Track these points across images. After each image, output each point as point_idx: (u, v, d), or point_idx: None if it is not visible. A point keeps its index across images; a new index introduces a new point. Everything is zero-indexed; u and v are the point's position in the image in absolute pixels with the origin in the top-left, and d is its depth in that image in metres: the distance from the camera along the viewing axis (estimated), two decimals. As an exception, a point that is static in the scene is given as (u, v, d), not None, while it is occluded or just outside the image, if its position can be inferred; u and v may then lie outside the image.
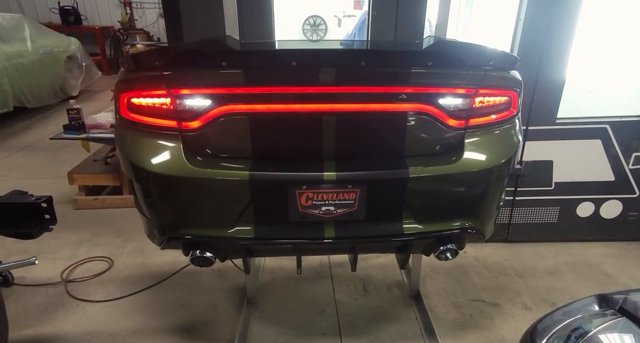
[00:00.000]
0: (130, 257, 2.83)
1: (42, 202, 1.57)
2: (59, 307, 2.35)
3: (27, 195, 1.63)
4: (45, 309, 2.34)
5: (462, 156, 1.58)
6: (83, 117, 3.25)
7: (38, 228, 1.63)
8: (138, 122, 1.55)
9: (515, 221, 2.94)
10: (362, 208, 1.58)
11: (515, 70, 1.64)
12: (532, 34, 2.45)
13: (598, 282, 2.62)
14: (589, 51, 2.61)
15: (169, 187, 1.55)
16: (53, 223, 1.61)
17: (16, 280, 2.49)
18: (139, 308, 2.37)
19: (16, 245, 2.44)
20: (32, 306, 2.36)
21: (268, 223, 1.61)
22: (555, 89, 2.58)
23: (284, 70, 1.48)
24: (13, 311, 2.30)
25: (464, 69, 1.54)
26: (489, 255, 2.86)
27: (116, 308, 2.37)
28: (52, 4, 9.11)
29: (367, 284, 2.59)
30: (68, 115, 3.20)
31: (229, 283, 2.57)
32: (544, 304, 2.42)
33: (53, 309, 2.34)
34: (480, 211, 1.68)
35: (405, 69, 1.49)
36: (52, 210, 1.60)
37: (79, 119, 3.22)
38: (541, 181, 2.81)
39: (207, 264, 1.69)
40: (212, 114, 1.50)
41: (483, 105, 1.60)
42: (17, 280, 2.50)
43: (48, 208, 1.58)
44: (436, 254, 1.73)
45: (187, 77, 1.48)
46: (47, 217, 1.59)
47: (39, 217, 1.59)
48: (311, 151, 1.58)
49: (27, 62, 5.86)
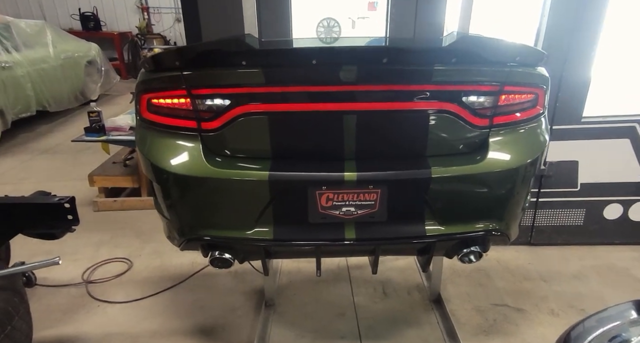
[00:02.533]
0: (149, 258, 2.84)
1: (65, 203, 1.58)
2: (80, 308, 2.37)
3: (51, 196, 1.64)
4: (68, 310, 2.36)
5: (487, 156, 1.54)
6: (103, 120, 3.29)
7: (61, 228, 1.64)
8: (158, 122, 1.55)
9: (538, 223, 2.86)
10: (383, 209, 1.55)
11: (542, 66, 1.59)
12: (557, 30, 2.38)
13: (627, 288, 2.52)
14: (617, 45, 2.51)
15: (189, 188, 1.54)
16: (76, 223, 1.62)
17: (39, 280, 2.55)
18: (158, 309, 2.38)
19: (39, 246, 2.47)
20: (54, 306, 2.38)
21: (288, 225, 1.58)
22: (581, 87, 2.50)
23: (304, 68, 1.45)
24: (36, 311, 2.31)
25: (488, 66, 1.49)
26: (512, 258, 2.79)
27: (136, 309, 2.38)
28: (73, 10, 9.31)
29: (386, 287, 2.55)
30: (89, 118, 3.25)
31: (246, 286, 2.56)
32: (571, 310, 2.34)
33: (75, 310, 2.36)
34: (505, 213, 1.63)
35: (428, 66, 1.45)
36: (75, 210, 1.61)
37: (99, 122, 3.26)
38: (566, 182, 2.73)
39: (226, 266, 1.68)
40: (232, 114, 1.49)
41: (508, 103, 1.55)
42: (39, 281, 2.55)
43: (71, 208, 1.59)
44: (459, 257, 1.68)
45: (206, 76, 1.47)
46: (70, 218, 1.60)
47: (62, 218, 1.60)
48: (332, 151, 1.56)
49: (49, 67, 5.99)
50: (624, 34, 2.50)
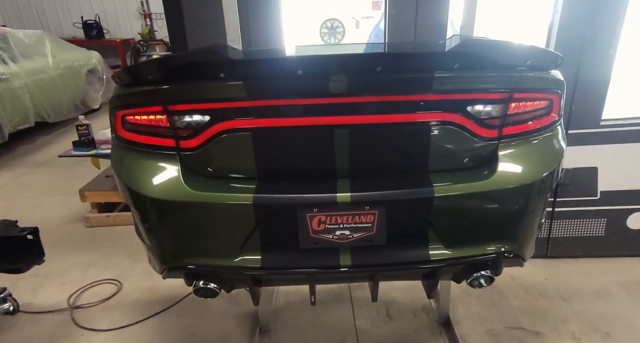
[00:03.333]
0: (139, 279, 2.70)
1: (28, 234, 1.43)
2: (62, 337, 2.23)
3: (12, 227, 1.50)
4: (49, 340, 2.22)
5: (496, 170, 1.38)
6: (92, 133, 3.16)
7: (25, 262, 1.49)
8: (134, 141, 1.43)
9: (555, 235, 2.65)
10: (382, 232, 1.40)
11: (556, 70, 1.42)
12: (571, 27, 2.18)
13: (658, 306, 2.31)
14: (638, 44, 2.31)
15: (167, 213, 1.41)
16: (41, 256, 1.47)
17: (23, 307, 2.40)
18: (146, 337, 2.22)
19: (24, 268, 2.35)
20: (35, 336, 2.24)
21: (276, 251, 1.44)
22: (599, 88, 2.30)
23: (289, 80, 1.31)
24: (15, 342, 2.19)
25: (495, 71, 1.33)
26: (527, 273, 2.58)
27: (122, 337, 2.23)
28: (76, 19, 9.29)
29: (390, 309, 2.37)
30: (77, 131, 3.13)
31: (240, 309, 2.40)
32: (595, 334, 2.13)
33: (57, 339, 2.22)
34: (519, 232, 1.47)
35: (427, 73, 1.30)
36: (39, 242, 1.46)
37: (88, 135, 3.14)
38: (584, 190, 2.52)
39: (212, 295, 1.54)
40: (212, 131, 1.36)
41: (519, 111, 1.40)
42: (23, 307, 2.40)
43: (34, 240, 1.44)
44: (468, 281, 1.53)
45: (183, 90, 1.34)
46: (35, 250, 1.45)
47: (25, 251, 1.46)
48: (322, 169, 1.41)
49: (48, 78, 5.93)
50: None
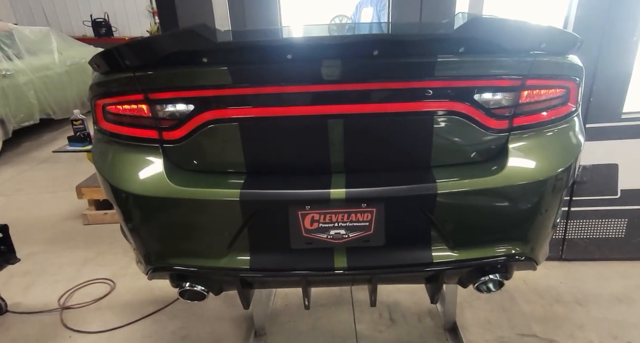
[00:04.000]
0: (133, 278, 2.61)
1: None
2: (49, 339, 2.14)
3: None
4: (35, 341, 2.13)
5: (506, 165, 1.26)
6: (88, 128, 3.09)
7: (-6, 262, 1.40)
8: (115, 133, 1.34)
9: (571, 236, 2.49)
10: (380, 232, 1.29)
11: (574, 54, 1.28)
12: (591, 9, 2.03)
13: (683, 313, 2.15)
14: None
15: (149, 210, 1.33)
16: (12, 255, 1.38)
17: (11, 307, 2.34)
18: (135, 340, 2.12)
19: (18, 267, 2.26)
20: (21, 338, 2.16)
21: (266, 251, 1.35)
22: (621, 78, 2.14)
23: (278, 65, 1.19)
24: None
25: (506, 55, 1.21)
26: (540, 276, 2.43)
27: (110, 340, 2.13)
28: (86, 17, 9.31)
29: (393, 312, 2.24)
30: (72, 126, 3.06)
31: (236, 311, 2.29)
32: (615, 342, 1.98)
33: (43, 341, 2.13)
34: (531, 233, 1.35)
35: (429, 57, 1.18)
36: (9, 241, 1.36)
37: (84, 130, 3.06)
38: (603, 188, 2.36)
39: (199, 298, 1.47)
40: (197, 121, 1.26)
41: (532, 100, 1.28)
42: (12, 307, 2.34)
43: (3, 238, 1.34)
44: (475, 286, 1.42)
45: (163, 77, 1.24)
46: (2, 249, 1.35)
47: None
48: (315, 163, 1.31)
49: (54, 74, 5.93)
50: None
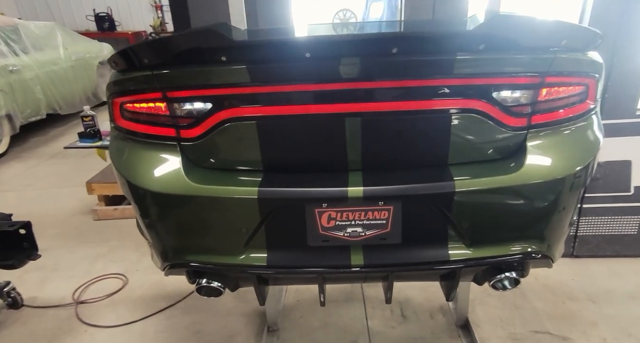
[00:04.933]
0: (145, 273, 2.63)
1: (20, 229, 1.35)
2: (66, 333, 2.16)
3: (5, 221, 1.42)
4: (52, 335, 2.16)
5: (524, 163, 1.26)
6: (98, 124, 3.10)
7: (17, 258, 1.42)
8: (133, 130, 1.35)
9: (583, 233, 2.49)
10: (397, 230, 1.30)
11: (594, 51, 1.27)
12: (607, 6, 2.01)
13: (695, 310, 2.14)
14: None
15: (167, 207, 1.33)
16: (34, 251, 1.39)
17: (27, 301, 2.37)
18: (150, 335, 2.15)
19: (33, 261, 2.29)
20: (39, 332, 2.18)
21: (283, 249, 1.35)
22: (636, 74, 2.12)
23: (296, 63, 1.20)
24: (18, 337, 2.14)
25: (526, 52, 1.20)
26: (552, 273, 2.42)
27: (125, 334, 2.16)
28: (89, 11, 9.29)
29: (405, 309, 2.25)
30: (82, 122, 3.07)
31: (248, 306, 2.31)
32: (629, 340, 1.98)
33: (60, 335, 2.15)
34: (548, 231, 1.35)
35: (449, 55, 1.17)
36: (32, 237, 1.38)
37: (93, 126, 3.07)
38: (617, 185, 2.35)
39: (215, 294, 1.48)
40: (215, 120, 1.27)
41: (551, 98, 1.27)
42: (27, 301, 2.36)
43: (27, 235, 1.36)
44: (491, 283, 1.43)
45: (182, 76, 1.24)
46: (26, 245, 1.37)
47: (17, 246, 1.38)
48: (333, 161, 1.31)
49: (59, 69, 5.92)
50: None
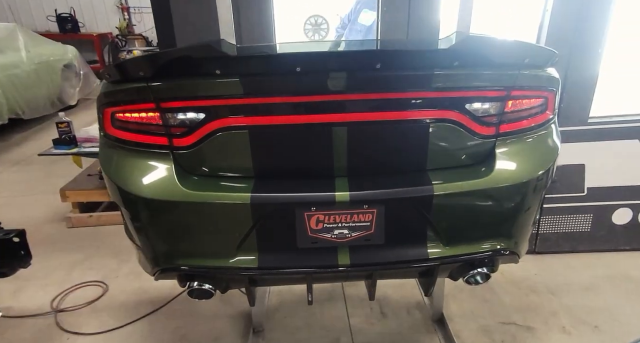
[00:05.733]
0: (126, 280, 2.62)
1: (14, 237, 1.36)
2: (47, 342, 2.14)
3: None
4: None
5: (494, 168, 1.39)
6: (74, 131, 3.05)
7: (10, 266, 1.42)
8: (124, 139, 1.38)
9: (543, 231, 2.70)
10: (380, 231, 1.39)
11: (553, 67, 1.43)
12: (561, 26, 2.21)
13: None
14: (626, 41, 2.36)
15: (161, 213, 1.38)
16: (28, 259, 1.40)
17: (2, 311, 2.31)
18: (135, 341, 2.16)
19: (3, 271, 2.25)
20: (17, 342, 2.15)
21: (274, 251, 1.42)
22: (587, 86, 2.34)
23: (287, 76, 1.28)
24: (-3, 348, 2.10)
25: (495, 69, 1.34)
26: (516, 269, 2.61)
27: (109, 341, 2.15)
28: (49, 12, 8.96)
29: (384, 306, 2.36)
30: (58, 129, 3.02)
31: (232, 309, 2.36)
32: (584, 327, 2.18)
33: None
34: (515, 229, 1.48)
35: (427, 71, 1.29)
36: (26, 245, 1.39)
37: (69, 133, 3.03)
38: (572, 187, 2.57)
39: (207, 297, 1.53)
40: (207, 129, 1.32)
41: (516, 109, 1.41)
42: (3, 311, 2.30)
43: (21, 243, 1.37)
44: (465, 279, 1.54)
45: (176, 87, 1.30)
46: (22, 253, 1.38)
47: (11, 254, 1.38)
48: (321, 168, 1.39)
49: (22, 73, 5.70)
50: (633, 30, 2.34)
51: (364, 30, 4.39)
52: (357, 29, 4.41)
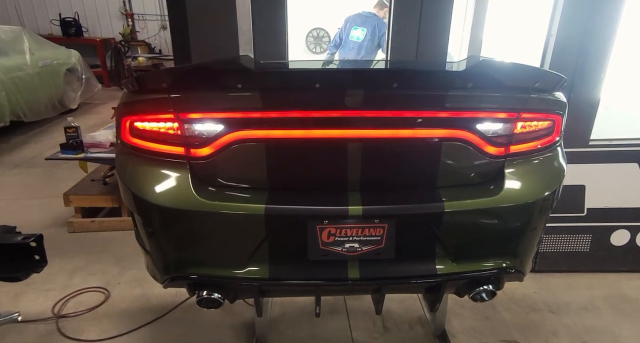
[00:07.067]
0: (128, 287, 2.61)
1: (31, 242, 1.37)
2: (48, 348, 2.14)
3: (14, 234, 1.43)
4: (33, 350, 2.12)
5: (503, 187, 1.42)
6: (81, 136, 3.07)
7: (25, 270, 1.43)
8: (142, 148, 1.41)
9: (543, 249, 2.74)
10: (391, 246, 1.42)
11: (560, 92, 1.48)
12: (565, 51, 2.28)
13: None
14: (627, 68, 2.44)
15: (175, 222, 1.40)
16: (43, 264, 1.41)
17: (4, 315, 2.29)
18: (137, 349, 2.16)
19: (5, 274, 2.24)
20: (18, 347, 2.14)
21: (285, 262, 1.45)
22: (589, 109, 2.40)
23: (307, 93, 1.32)
24: (-3, 353, 2.09)
25: (506, 91, 1.39)
26: (517, 286, 2.64)
27: (111, 349, 2.15)
28: (54, 16, 9.02)
29: (386, 320, 2.38)
30: (66, 133, 3.02)
31: (235, 319, 2.36)
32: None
33: (42, 350, 2.12)
34: (521, 248, 1.52)
35: (442, 91, 1.34)
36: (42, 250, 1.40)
37: (77, 138, 3.04)
38: (572, 207, 2.62)
39: (215, 306, 1.53)
40: (225, 141, 1.35)
41: (525, 131, 1.45)
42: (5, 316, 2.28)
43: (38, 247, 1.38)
44: (471, 295, 1.56)
45: (197, 100, 1.34)
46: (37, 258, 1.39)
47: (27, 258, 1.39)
48: (335, 182, 1.43)
49: (25, 76, 5.71)
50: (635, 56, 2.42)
51: (356, 47, 4.57)
52: (350, 46, 4.59)
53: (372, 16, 4.55)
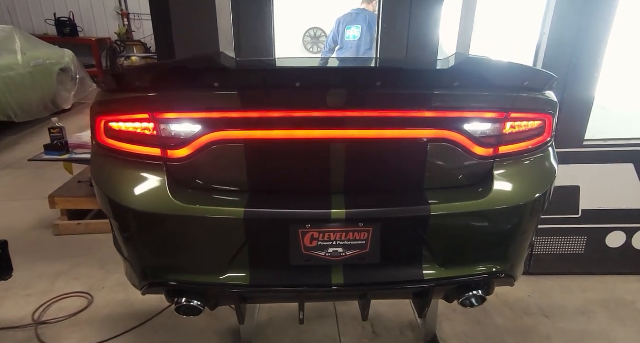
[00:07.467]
0: (112, 292, 2.55)
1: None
2: (26, 356, 2.08)
3: (-23, 239, 1.37)
4: (11, 358, 2.06)
5: (492, 189, 1.37)
6: (66, 137, 3.01)
7: (-10, 278, 1.37)
8: (117, 149, 1.35)
9: (537, 252, 2.68)
10: (376, 250, 1.37)
11: (551, 91, 1.43)
12: (558, 49, 2.23)
13: (639, 324, 2.34)
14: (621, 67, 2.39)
15: (151, 226, 1.35)
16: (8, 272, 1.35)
17: (-18, 321, 2.23)
18: (119, 356, 2.10)
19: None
20: (-5, 355, 2.08)
21: (266, 268, 1.39)
22: (583, 109, 2.35)
23: (287, 91, 1.27)
24: (-27, 361, 2.02)
25: (494, 91, 1.34)
26: (510, 290, 2.58)
27: (92, 356, 2.09)
28: (48, 15, 8.96)
29: (376, 325, 2.32)
30: (50, 134, 2.97)
31: (221, 325, 2.30)
32: (578, 352, 2.16)
33: (19, 358, 2.06)
34: (511, 252, 1.47)
35: (428, 90, 1.29)
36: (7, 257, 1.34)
37: (61, 138, 2.98)
38: (566, 208, 2.56)
39: (195, 313, 1.49)
40: (203, 142, 1.30)
41: (514, 131, 1.40)
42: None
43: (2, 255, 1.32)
44: (460, 301, 1.52)
45: (173, 99, 1.28)
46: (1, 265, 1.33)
47: (-8, 265, 1.34)
48: (317, 184, 1.38)
49: (16, 75, 5.65)
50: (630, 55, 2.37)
51: (354, 46, 4.52)
52: (349, 46, 4.53)
53: (362, 12, 4.50)
